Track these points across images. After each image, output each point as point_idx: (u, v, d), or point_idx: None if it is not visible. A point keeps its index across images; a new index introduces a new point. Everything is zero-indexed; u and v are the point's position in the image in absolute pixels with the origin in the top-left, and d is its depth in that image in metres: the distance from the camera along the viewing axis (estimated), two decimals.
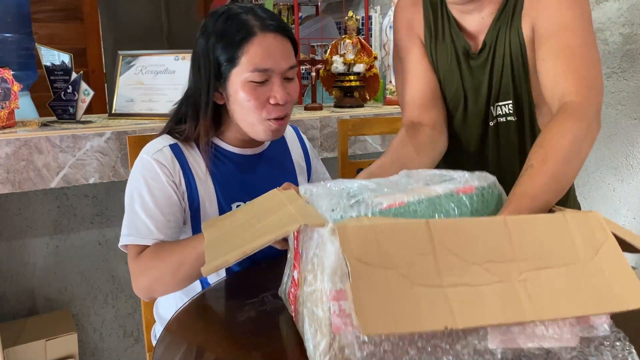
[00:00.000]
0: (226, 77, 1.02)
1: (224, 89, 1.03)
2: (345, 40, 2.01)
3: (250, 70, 0.99)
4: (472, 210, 0.74)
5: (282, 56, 1.01)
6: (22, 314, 1.69)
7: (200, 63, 1.03)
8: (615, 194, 1.64)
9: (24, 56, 2.12)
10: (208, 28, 1.02)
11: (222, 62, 1.01)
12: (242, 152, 1.13)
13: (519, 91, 1.07)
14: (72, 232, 1.72)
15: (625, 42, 1.56)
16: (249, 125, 1.05)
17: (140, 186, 1.03)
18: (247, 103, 1.01)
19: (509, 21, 1.03)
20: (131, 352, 1.87)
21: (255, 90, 1.01)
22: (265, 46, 0.99)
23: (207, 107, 1.04)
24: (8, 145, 1.36)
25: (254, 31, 0.99)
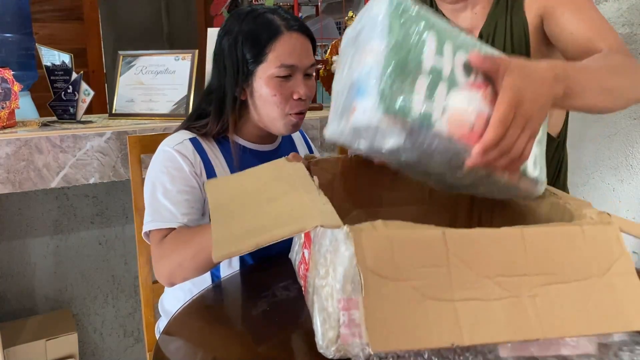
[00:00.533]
0: (252, 73, 1.07)
1: (247, 85, 1.08)
2: None
3: (277, 66, 1.05)
4: None
5: (305, 54, 1.08)
6: (22, 314, 1.69)
7: (225, 61, 1.08)
8: (615, 194, 1.64)
9: (24, 56, 2.12)
10: (233, 27, 1.07)
11: (249, 59, 1.06)
12: (259, 148, 1.17)
13: None
14: (72, 232, 1.72)
15: (625, 42, 1.56)
16: (270, 120, 1.10)
17: (161, 176, 1.06)
18: (271, 98, 1.06)
19: (508, 13, 1.06)
20: (131, 352, 1.87)
21: (280, 86, 1.06)
22: (291, 44, 1.05)
23: (234, 103, 1.09)
24: (8, 145, 1.36)
25: (281, 30, 1.05)
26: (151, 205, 1.05)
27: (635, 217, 1.60)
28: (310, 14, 2.90)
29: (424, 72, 0.64)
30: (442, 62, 0.65)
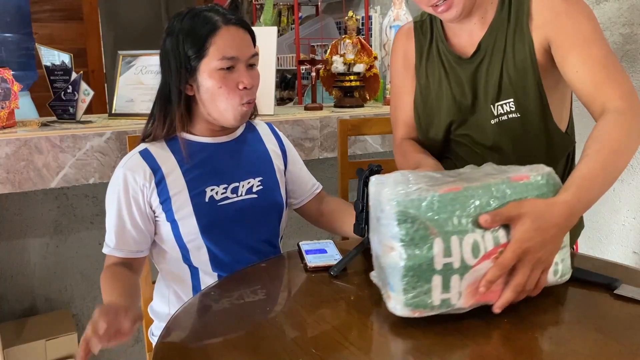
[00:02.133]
0: (195, 68, 1.10)
1: (194, 81, 1.11)
2: (345, 40, 2.01)
3: (218, 59, 1.08)
4: (526, 195, 0.82)
5: (245, 45, 1.12)
6: (22, 314, 1.69)
7: (170, 60, 1.11)
8: (615, 194, 1.63)
9: (24, 56, 2.12)
10: (175, 27, 1.11)
11: (191, 55, 1.09)
12: (212, 141, 1.19)
13: (522, 89, 1.11)
14: (72, 232, 1.72)
15: (625, 42, 1.56)
16: (218, 112, 1.12)
17: (109, 199, 1.14)
18: (218, 90, 1.10)
19: (511, 27, 1.10)
20: (131, 352, 1.87)
21: (225, 78, 1.09)
22: (230, 37, 1.09)
23: (179, 97, 1.12)
24: (8, 145, 1.36)
25: (219, 24, 1.09)
26: (107, 226, 1.15)
27: (635, 217, 1.60)
28: (310, 14, 2.90)
29: (437, 271, 0.77)
30: (451, 259, 0.77)
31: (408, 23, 1.28)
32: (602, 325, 0.82)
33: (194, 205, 1.13)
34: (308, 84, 2.17)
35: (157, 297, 1.24)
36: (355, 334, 0.80)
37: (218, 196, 1.15)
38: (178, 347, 0.84)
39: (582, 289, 0.94)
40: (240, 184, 1.18)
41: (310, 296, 1.02)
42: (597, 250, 1.71)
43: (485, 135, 1.17)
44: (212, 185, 1.15)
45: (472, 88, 1.16)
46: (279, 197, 1.25)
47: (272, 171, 1.25)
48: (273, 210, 1.23)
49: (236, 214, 1.16)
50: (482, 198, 0.79)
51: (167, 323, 0.88)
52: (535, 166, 0.86)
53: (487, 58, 1.12)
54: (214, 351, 0.80)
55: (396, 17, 2.05)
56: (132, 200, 1.12)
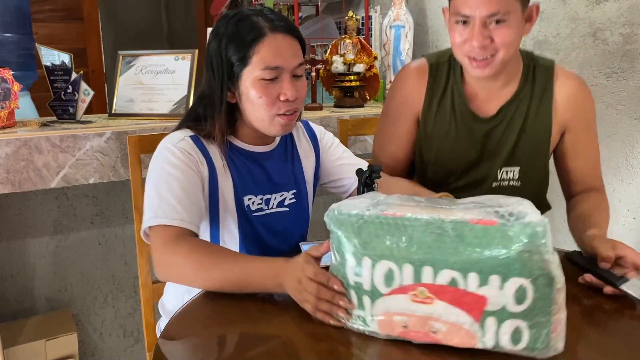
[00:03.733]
0: (238, 76, 1.06)
1: (236, 88, 1.08)
2: (345, 40, 2.01)
3: (261, 69, 1.03)
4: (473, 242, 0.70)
5: (291, 54, 1.06)
6: (22, 314, 1.69)
7: (213, 64, 1.07)
8: (615, 194, 1.63)
9: (24, 56, 2.11)
10: (220, 30, 1.07)
11: (234, 62, 1.05)
12: (254, 149, 1.16)
13: (531, 160, 1.19)
14: (72, 232, 1.72)
15: (625, 42, 1.56)
16: (260, 121, 1.09)
17: (164, 173, 1.04)
18: (258, 100, 1.05)
19: (534, 101, 1.17)
20: (131, 352, 1.87)
21: (266, 88, 1.05)
22: (275, 45, 1.04)
23: (220, 106, 1.08)
24: (8, 145, 1.36)
25: (264, 32, 1.04)
26: (153, 201, 1.02)
27: (635, 217, 1.60)
28: (310, 14, 2.89)
29: (351, 286, 0.79)
30: (360, 279, 0.77)
31: (419, 62, 1.24)
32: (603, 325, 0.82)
33: (238, 212, 1.12)
34: (308, 84, 2.17)
35: (169, 293, 1.22)
36: (355, 334, 0.80)
37: (254, 206, 1.14)
38: (180, 344, 0.84)
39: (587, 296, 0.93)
40: (273, 196, 1.17)
41: None
42: None
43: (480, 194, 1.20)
44: (250, 194, 1.13)
45: (481, 147, 1.19)
46: (307, 209, 1.24)
47: (304, 182, 1.23)
48: (301, 221, 1.23)
49: (268, 225, 1.15)
50: (418, 230, 0.73)
51: (170, 320, 0.88)
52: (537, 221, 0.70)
53: (504, 123, 1.17)
54: (216, 349, 0.80)
55: (396, 17, 2.05)
56: (194, 170, 1.05)
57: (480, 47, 1.05)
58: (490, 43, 1.05)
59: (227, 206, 1.11)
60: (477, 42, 1.04)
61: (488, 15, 1.03)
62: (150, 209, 1.02)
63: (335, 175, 1.28)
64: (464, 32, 1.07)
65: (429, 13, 2.22)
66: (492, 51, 1.06)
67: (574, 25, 1.69)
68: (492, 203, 0.75)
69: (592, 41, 1.64)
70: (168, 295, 1.22)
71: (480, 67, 1.08)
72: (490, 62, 1.07)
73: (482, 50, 1.05)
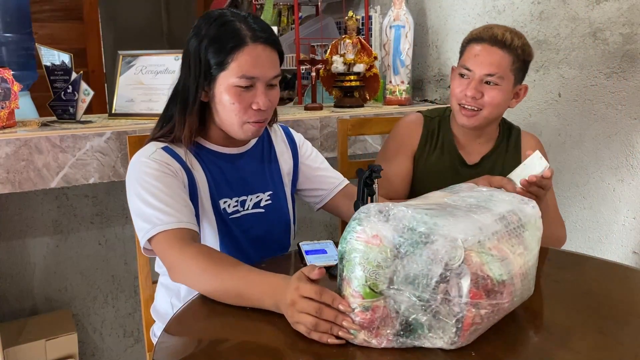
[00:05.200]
0: (214, 78, 1.06)
1: (210, 89, 1.08)
2: (345, 40, 2.01)
3: (237, 76, 1.04)
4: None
5: (269, 66, 1.06)
6: (22, 314, 1.69)
7: (190, 62, 1.07)
8: (615, 194, 1.63)
9: (24, 56, 2.12)
10: (201, 30, 1.06)
11: (212, 65, 1.05)
12: (226, 151, 1.16)
13: None
14: (72, 232, 1.72)
15: (625, 42, 1.56)
16: (229, 125, 1.09)
17: (145, 184, 1.03)
18: (230, 106, 1.06)
19: (509, 154, 1.41)
20: (131, 352, 1.87)
21: (240, 95, 1.05)
22: (255, 56, 1.04)
23: (194, 105, 1.08)
24: (8, 145, 1.36)
25: (246, 41, 1.04)
26: (145, 214, 1.00)
27: (635, 217, 1.60)
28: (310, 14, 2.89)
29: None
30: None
31: (416, 115, 1.47)
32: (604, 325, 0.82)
33: (216, 216, 1.11)
34: (308, 84, 2.17)
35: (159, 297, 1.22)
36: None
37: (230, 209, 1.14)
38: (178, 347, 0.84)
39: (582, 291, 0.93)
40: (249, 197, 1.16)
41: None
42: (597, 250, 1.70)
43: None
44: (225, 197, 1.13)
45: None
46: (287, 212, 1.23)
47: (282, 184, 1.23)
48: (280, 225, 1.22)
49: (245, 228, 1.15)
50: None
51: (168, 323, 0.88)
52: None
53: (485, 170, 1.36)
54: (214, 352, 0.80)
55: (396, 17, 2.05)
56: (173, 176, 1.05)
57: (472, 97, 1.27)
58: (480, 97, 1.27)
59: (205, 210, 1.11)
60: (470, 92, 1.27)
61: (485, 74, 1.26)
62: (144, 221, 1.00)
63: (313, 184, 1.29)
64: (462, 84, 1.29)
65: (429, 13, 2.22)
66: (479, 105, 1.28)
67: (574, 25, 1.69)
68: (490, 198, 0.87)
69: (592, 41, 1.64)
70: (159, 299, 1.22)
71: (467, 116, 1.30)
72: (476, 115, 1.29)
73: (472, 100, 1.27)
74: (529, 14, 1.81)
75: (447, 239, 0.72)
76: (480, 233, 0.75)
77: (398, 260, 0.74)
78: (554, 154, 1.78)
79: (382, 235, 0.74)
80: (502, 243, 0.77)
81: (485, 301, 0.73)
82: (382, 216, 0.75)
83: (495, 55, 1.25)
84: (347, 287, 0.76)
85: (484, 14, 1.97)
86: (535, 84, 1.81)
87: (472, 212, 0.80)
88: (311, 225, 1.33)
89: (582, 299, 0.91)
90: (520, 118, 1.86)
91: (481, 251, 0.74)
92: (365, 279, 0.74)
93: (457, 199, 0.86)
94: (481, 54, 1.26)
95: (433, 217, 0.75)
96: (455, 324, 0.73)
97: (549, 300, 0.92)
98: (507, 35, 1.26)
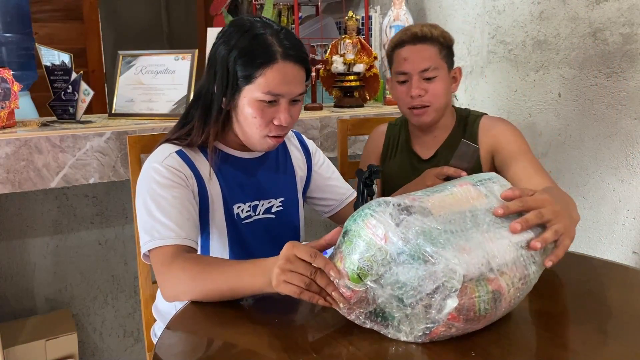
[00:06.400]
0: (239, 89, 1.05)
1: (233, 99, 1.06)
2: (345, 40, 2.01)
3: (263, 92, 1.03)
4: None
5: (296, 83, 1.06)
6: (22, 314, 1.69)
7: (217, 69, 1.06)
8: (615, 194, 1.63)
9: (24, 56, 2.12)
10: (232, 39, 1.04)
11: (239, 77, 1.04)
12: (242, 156, 1.15)
13: None
14: (72, 232, 1.72)
15: (625, 42, 1.56)
16: (248, 137, 1.09)
17: (153, 193, 1.03)
18: (252, 119, 1.05)
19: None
20: (131, 352, 1.87)
21: (263, 110, 1.05)
22: (283, 73, 1.03)
23: (219, 114, 1.08)
24: (8, 145, 1.36)
25: (276, 57, 1.02)
26: (147, 223, 1.01)
27: (635, 217, 1.60)
28: (310, 14, 2.89)
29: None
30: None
31: (383, 124, 1.53)
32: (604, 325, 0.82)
33: (227, 222, 1.11)
34: (308, 84, 2.17)
35: (160, 296, 1.22)
36: (356, 336, 0.80)
37: (243, 214, 1.14)
38: (179, 347, 0.84)
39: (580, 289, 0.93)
40: (260, 203, 1.16)
41: None
42: (597, 250, 1.70)
43: None
44: (239, 202, 1.13)
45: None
46: (297, 219, 1.24)
47: (295, 191, 1.23)
48: (289, 231, 1.22)
49: (256, 233, 1.15)
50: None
51: (168, 323, 0.88)
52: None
53: (441, 163, 1.35)
54: (215, 352, 0.80)
55: (396, 17, 2.05)
56: (183, 185, 1.05)
57: (417, 96, 1.30)
58: (425, 94, 1.30)
59: (216, 216, 1.11)
60: (415, 92, 1.29)
61: (421, 70, 1.29)
62: (145, 232, 1.01)
63: (324, 193, 1.30)
64: (403, 88, 1.33)
65: (429, 13, 2.22)
66: (427, 102, 1.31)
67: (574, 25, 1.69)
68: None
69: (592, 41, 1.64)
70: (160, 298, 1.22)
71: (419, 114, 1.33)
72: (427, 111, 1.32)
73: (419, 99, 1.30)
74: (529, 14, 1.81)
75: (448, 267, 0.71)
76: (486, 266, 0.74)
77: (394, 264, 0.74)
78: (554, 154, 1.78)
79: (389, 237, 0.74)
80: (504, 276, 0.75)
81: (460, 324, 0.74)
82: (396, 218, 0.74)
83: (423, 51, 1.29)
84: (339, 261, 0.78)
85: (484, 14, 1.97)
86: (535, 84, 1.81)
87: (490, 234, 0.77)
88: (311, 225, 1.34)
89: (582, 299, 0.91)
90: (520, 118, 1.86)
91: (478, 285, 0.73)
92: (357, 266, 0.75)
93: (483, 208, 0.81)
94: (410, 54, 1.30)
95: (445, 238, 0.74)
96: (424, 329, 0.75)
97: (549, 300, 0.92)
98: (424, 30, 1.30)
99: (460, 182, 0.85)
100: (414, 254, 0.73)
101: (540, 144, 1.81)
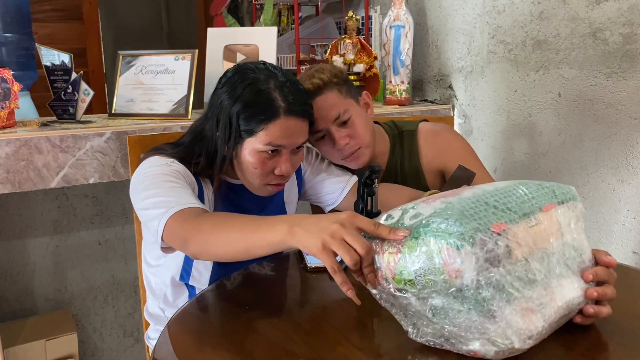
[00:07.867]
0: (241, 140, 1.04)
1: (234, 147, 1.06)
2: (345, 40, 2.01)
3: (264, 144, 1.03)
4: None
5: (298, 135, 1.06)
6: (22, 314, 1.69)
7: (220, 117, 1.05)
8: (615, 194, 1.63)
9: (24, 56, 2.12)
10: (235, 89, 1.03)
11: (241, 129, 1.03)
12: (237, 182, 1.15)
13: None
14: (72, 232, 1.72)
15: (625, 42, 1.56)
16: (248, 183, 1.10)
17: (154, 177, 0.99)
18: (252, 169, 1.06)
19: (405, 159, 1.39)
20: (131, 352, 1.87)
21: (264, 161, 1.05)
22: (286, 127, 1.03)
23: (222, 163, 1.08)
24: (8, 145, 1.36)
25: (279, 113, 1.02)
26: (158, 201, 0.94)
27: (635, 217, 1.60)
28: (310, 14, 2.89)
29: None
30: None
31: None
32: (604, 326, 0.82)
33: None
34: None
35: (149, 301, 1.23)
36: (356, 335, 0.80)
37: None
38: (177, 349, 0.84)
39: None
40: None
41: (310, 297, 1.02)
42: None
43: None
44: None
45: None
46: None
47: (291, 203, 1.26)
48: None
49: None
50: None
51: (166, 325, 0.88)
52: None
53: (392, 181, 1.35)
54: (213, 353, 0.80)
55: (396, 17, 2.05)
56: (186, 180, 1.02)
57: (345, 144, 1.23)
58: (351, 139, 1.23)
59: None
60: (341, 143, 1.23)
61: (333, 120, 1.22)
62: (159, 207, 0.93)
63: (320, 191, 1.30)
64: (328, 145, 1.26)
65: (429, 13, 2.22)
66: (355, 146, 1.25)
67: (574, 25, 1.69)
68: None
69: (592, 41, 1.64)
70: (149, 302, 1.23)
71: (356, 158, 1.27)
72: (360, 152, 1.26)
73: (348, 146, 1.24)
74: (529, 14, 1.81)
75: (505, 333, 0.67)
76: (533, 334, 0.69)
77: (450, 298, 0.67)
78: (554, 154, 1.78)
79: (461, 276, 0.65)
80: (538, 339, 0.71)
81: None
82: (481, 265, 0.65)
83: (325, 101, 1.20)
84: (393, 256, 0.68)
85: (484, 14, 1.97)
86: (535, 84, 1.81)
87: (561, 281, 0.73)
88: None
89: None
90: (520, 118, 1.86)
91: (513, 351, 0.68)
92: (411, 276, 0.67)
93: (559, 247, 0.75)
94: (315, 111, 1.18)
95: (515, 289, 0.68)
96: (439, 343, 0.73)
97: None
98: (315, 81, 1.20)
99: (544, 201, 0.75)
100: (477, 303, 0.66)
101: (540, 144, 1.81)
